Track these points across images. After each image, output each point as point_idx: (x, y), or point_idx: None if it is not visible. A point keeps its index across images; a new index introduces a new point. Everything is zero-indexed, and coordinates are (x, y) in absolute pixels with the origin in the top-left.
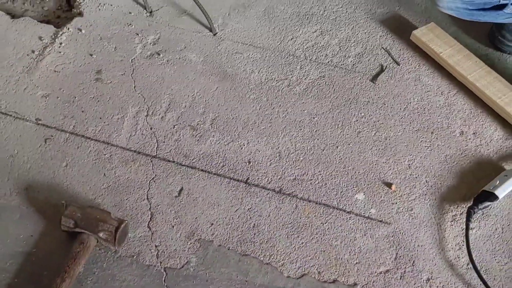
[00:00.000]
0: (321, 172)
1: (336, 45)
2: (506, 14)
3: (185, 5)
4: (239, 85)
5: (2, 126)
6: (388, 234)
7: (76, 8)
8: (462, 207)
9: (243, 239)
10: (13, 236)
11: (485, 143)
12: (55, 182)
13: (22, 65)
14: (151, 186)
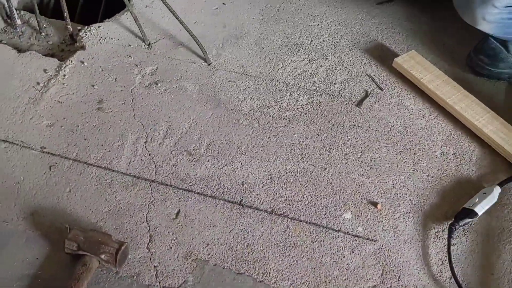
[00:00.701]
0: (310, 193)
1: (323, 72)
2: None
3: (181, 37)
4: (233, 112)
5: (9, 155)
6: (374, 251)
7: (78, 42)
8: (444, 224)
9: (237, 258)
10: (19, 259)
11: (465, 163)
12: (59, 207)
13: (28, 96)
14: (150, 209)
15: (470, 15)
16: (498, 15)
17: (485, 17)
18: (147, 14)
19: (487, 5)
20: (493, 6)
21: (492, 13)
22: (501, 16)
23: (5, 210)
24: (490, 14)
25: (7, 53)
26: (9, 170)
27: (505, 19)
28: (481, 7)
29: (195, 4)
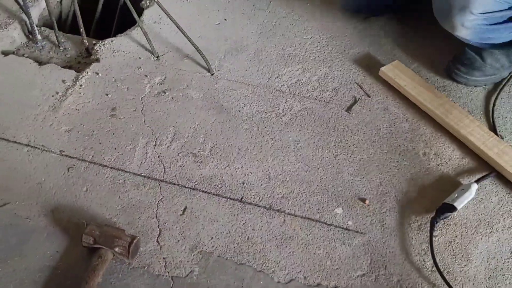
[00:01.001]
0: (305, 190)
1: (316, 81)
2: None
3: (187, 50)
4: (234, 117)
5: (31, 158)
6: (363, 242)
7: (94, 55)
8: (426, 217)
9: (239, 250)
10: (41, 252)
11: (445, 162)
12: (77, 204)
13: (48, 105)
14: (159, 206)
15: (449, 22)
16: (475, 21)
17: (464, 23)
18: (155, 29)
19: (465, 13)
20: (470, 13)
21: (470, 19)
22: (477, 22)
23: (27, 208)
24: (468, 21)
25: (29, 66)
26: (31, 171)
27: (481, 25)
28: (459, 15)
29: (199, 20)
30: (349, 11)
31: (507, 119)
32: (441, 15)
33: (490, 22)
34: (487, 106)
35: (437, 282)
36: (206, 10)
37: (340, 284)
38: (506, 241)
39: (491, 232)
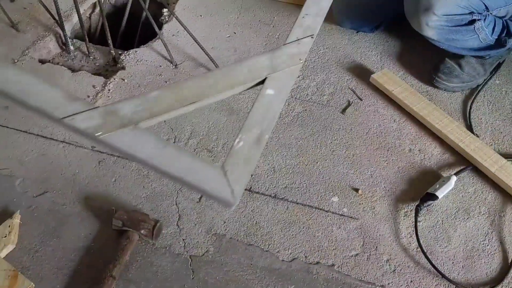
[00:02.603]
0: (305, 181)
1: (314, 86)
2: (473, 32)
3: (201, 59)
4: (243, 118)
5: (67, 152)
6: (356, 227)
7: (120, 63)
8: (411, 205)
9: (248, 232)
10: (76, 235)
11: (428, 157)
12: (107, 193)
13: None
14: (178, 194)
15: (416, 22)
16: (438, 22)
17: (428, 23)
18: (174, 41)
19: (429, 13)
20: (433, 14)
21: (433, 20)
22: (440, 23)
23: (64, 196)
24: (431, 21)
25: (64, 73)
26: (66, 164)
27: (443, 25)
28: (424, 14)
29: (212, 33)
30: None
31: (482, 120)
32: (410, 16)
33: (452, 24)
34: (465, 108)
35: (421, 261)
36: (218, 25)
37: (336, 262)
38: (481, 225)
39: (468, 218)
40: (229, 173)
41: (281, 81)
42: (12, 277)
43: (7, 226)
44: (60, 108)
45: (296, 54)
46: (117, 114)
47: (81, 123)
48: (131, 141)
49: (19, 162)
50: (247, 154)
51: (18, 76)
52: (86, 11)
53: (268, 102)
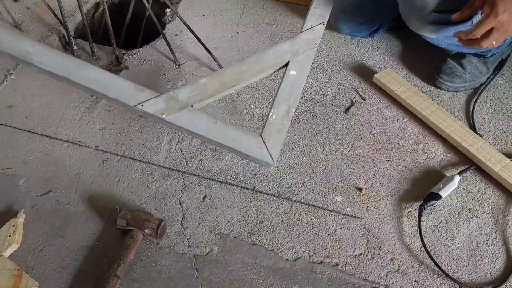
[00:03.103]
0: (309, 181)
1: (318, 86)
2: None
3: (204, 59)
4: (246, 118)
5: (71, 152)
6: (360, 226)
7: (123, 63)
8: (415, 205)
9: (252, 232)
10: (80, 234)
11: (431, 157)
12: (111, 192)
13: (84, 106)
14: (182, 194)
15: (413, 22)
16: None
17: (424, 22)
18: (177, 41)
19: (425, 11)
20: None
21: (429, 18)
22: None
23: (68, 195)
24: (427, 19)
25: None
26: (70, 163)
27: (439, 24)
28: (419, 13)
29: (215, 33)
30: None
31: (485, 119)
32: (406, 17)
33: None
34: (468, 108)
35: (425, 260)
36: (221, 24)
37: (340, 262)
38: (485, 225)
39: (472, 218)
40: (266, 140)
41: (302, 63)
42: (17, 276)
43: (11, 225)
44: (132, 97)
45: (311, 39)
46: (176, 99)
47: (149, 108)
48: (188, 120)
49: (23, 162)
50: (279, 125)
51: (96, 73)
52: (89, 11)
53: (292, 81)
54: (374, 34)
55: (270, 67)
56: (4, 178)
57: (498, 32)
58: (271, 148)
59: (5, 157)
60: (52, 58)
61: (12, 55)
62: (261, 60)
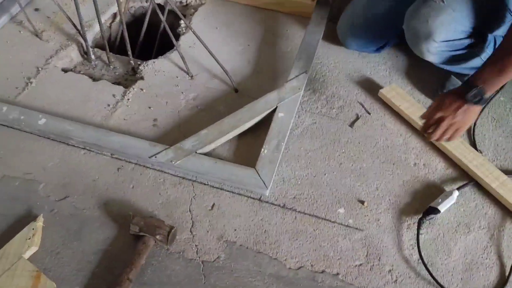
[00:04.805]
0: (313, 192)
1: (324, 99)
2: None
3: (216, 71)
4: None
5: (88, 159)
6: (361, 237)
7: (139, 74)
8: (414, 218)
9: (257, 240)
10: (95, 238)
11: (432, 171)
12: (125, 199)
13: (101, 115)
14: (192, 202)
15: (418, 49)
16: (438, 48)
17: (429, 50)
18: (190, 53)
19: (429, 40)
20: (433, 40)
21: (434, 46)
22: (440, 49)
23: (84, 201)
24: (432, 48)
25: (85, 81)
26: (87, 170)
27: (444, 51)
28: (424, 42)
29: (227, 45)
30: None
31: (486, 136)
32: (411, 43)
33: (453, 48)
34: None
35: (422, 272)
36: (233, 37)
37: (341, 272)
38: (481, 239)
39: (469, 232)
40: (260, 171)
41: (288, 106)
42: (36, 277)
43: (31, 228)
44: (147, 151)
45: (296, 86)
46: (183, 148)
47: (162, 158)
48: (193, 164)
49: (43, 168)
50: (271, 157)
51: (117, 138)
52: (106, 21)
53: (280, 121)
54: (381, 49)
55: (261, 113)
56: (25, 183)
57: (452, 130)
58: (264, 177)
59: (26, 162)
60: (85, 132)
61: (55, 133)
62: (253, 109)
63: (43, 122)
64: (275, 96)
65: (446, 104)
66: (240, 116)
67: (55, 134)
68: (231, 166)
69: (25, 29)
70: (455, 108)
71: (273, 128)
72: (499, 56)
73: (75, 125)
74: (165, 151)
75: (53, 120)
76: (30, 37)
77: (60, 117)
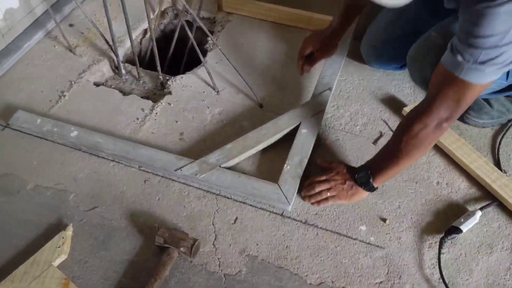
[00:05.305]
0: (335, 209)
1: (348, 116)
2: None
3: (242, 87)
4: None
5: (116, 171)
6: (382, 255)
7: (167, 88)
8: (436, 237)
9: (279, 255)
10: (121, 248)
11: (455, 191)
12: (151, 210)
13: (130, 128)
14: (215, 215)
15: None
16: (479, 119)
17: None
18: (216, 68)
19: None
20: None
21: None
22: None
23: (112, 211)
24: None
25: (116, 95)
26: (116, 182)
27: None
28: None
29: (252, 61)
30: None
31: (510, 156)
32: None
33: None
34: (494, 144)
35: None
36: (257, 54)
37: None
38: (504, 260)
39: (491, 253)
40: (282, 186)
41: (312, 122)
42: (64, 285)
43: (61, 237)
44: (173, 164)
45: (320, 103)
46: (207, 162)
47: (187, 171)
48: (217, 177)
49: (73, 178)
50: (293, 173)
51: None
52: (137, 37)
53: (304, 137)
54: (404, 67)
55: (284, 129)
56: (56, 193)
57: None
58: (287, 192)
59: (57, 173)
60: (115, 144)
61: (86, 145)
62: (277, 124)
63: (75, 135)
64: (299, 112)
65: (341, 170)
66: (264, 131)
67: (86, 146)
68: (254, 181)
69: (60, 44)
70: (345, 178)
71: (296, 144)
72: (385, 154)
73: (105, 138)
74: (191, 164)
75: (85, 133)
76: (64, 52)
77: (91, 129)
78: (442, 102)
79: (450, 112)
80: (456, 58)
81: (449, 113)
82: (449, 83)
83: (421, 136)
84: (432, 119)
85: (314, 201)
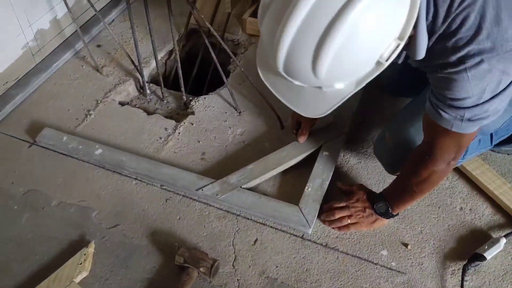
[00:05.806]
0: (356, 233)
1: (370, 140)
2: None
3: (263, 108)
4: None
5: (138, 189)
6: (404, 281)
7: (190, 108)
8: (459, 264)
9: (298, 278)
10: (142, 266)
11: (478, 217)
12: (171, 229)
13: (153, 147)
14: (235, 236)
15: None
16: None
17: None
18: (239, 89)
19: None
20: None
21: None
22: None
23: (133, 229)
24: None
25: (140, 115)
26: (138, 200)
27: None
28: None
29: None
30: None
31: None
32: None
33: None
34: None
35: None
36: None
37: None
38: None
39: None
40: (303, 209)
41: (333, 145)
42: None
43: (83, 254)
44: (195, 184)
45: (342, 125)
46: (228, 182)
47: (208, 191)
48: (238, 198)
49: (97, 196)
50: (314, 195)
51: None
52: (162, 58)
53: (325, 160)
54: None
55: (306, 151)
56: (80, 209)
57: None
58: (307, 215)
59: (81, 190)
60: (138, 163)
61: (110, 163)
62: (298, 146)
63: (99, 153)
64: (320, 134)
65: (361, 197)
66: (285, 153)
67: (110, 164)
68: (274, 202)
69: (87, 64)
70: (365, 206)
71: (318, 167)
72: (399, 189)
73: (129, 156)
74: (212, 184)
75: (109, 151)
76: (91, 71)
77: (116, 148)
78: (443, 149)
79: (454, 154)
80: (442, 115)
81: (453, 155)
82: (443, 134)
83: (432, 180)
84: (439, 165)
85: (335, 227)
